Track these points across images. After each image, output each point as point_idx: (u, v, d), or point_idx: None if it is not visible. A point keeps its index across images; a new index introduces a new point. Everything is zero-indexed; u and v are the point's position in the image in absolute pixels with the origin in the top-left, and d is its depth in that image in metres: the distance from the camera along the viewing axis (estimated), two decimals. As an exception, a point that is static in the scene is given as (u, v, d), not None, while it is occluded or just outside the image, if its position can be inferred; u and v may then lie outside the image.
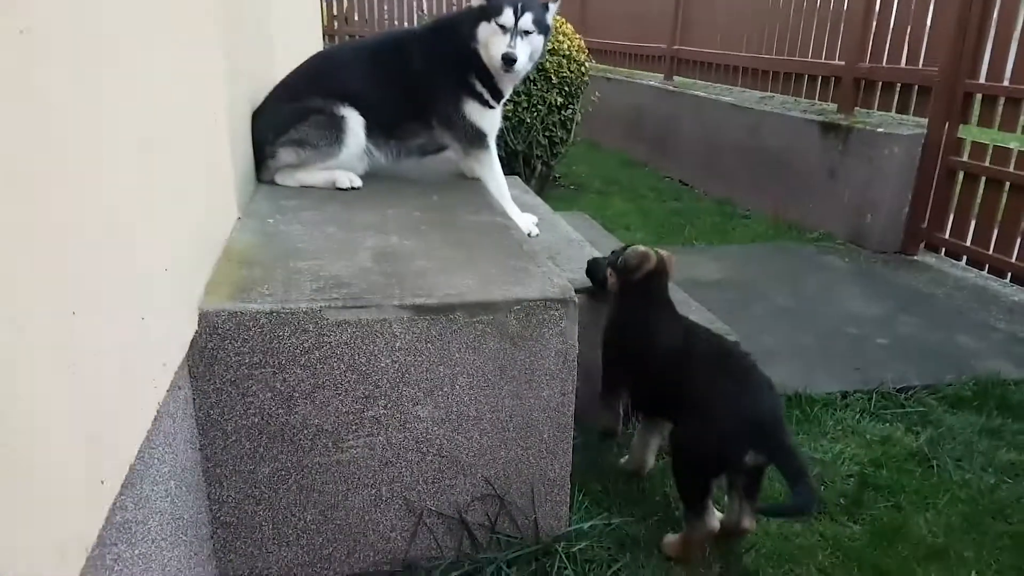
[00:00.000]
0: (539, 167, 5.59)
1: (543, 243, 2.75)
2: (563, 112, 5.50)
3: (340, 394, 1.63)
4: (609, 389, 2.25)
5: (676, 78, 7.44)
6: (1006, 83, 4.04)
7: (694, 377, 1.89)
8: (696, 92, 6.76)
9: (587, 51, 5.64)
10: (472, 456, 1.77)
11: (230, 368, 1.55)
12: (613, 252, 2.27)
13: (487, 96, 2.58)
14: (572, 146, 5.92)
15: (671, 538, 1.93)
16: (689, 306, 2.96)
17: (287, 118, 2.42)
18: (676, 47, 7.34)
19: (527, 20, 2.42)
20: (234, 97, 2.12)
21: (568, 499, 1.87)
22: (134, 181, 1.22)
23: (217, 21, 1.89)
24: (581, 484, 2.13)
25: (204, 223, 1.72)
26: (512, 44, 2.41)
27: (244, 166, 2.29)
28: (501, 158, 2.84)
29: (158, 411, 1.30)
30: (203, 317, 1.52)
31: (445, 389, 1.69)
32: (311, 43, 4.14)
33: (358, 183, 2.49)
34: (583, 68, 5.52)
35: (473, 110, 2.58)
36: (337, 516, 1.72)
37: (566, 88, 5.42)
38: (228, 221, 1.98)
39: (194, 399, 1.56)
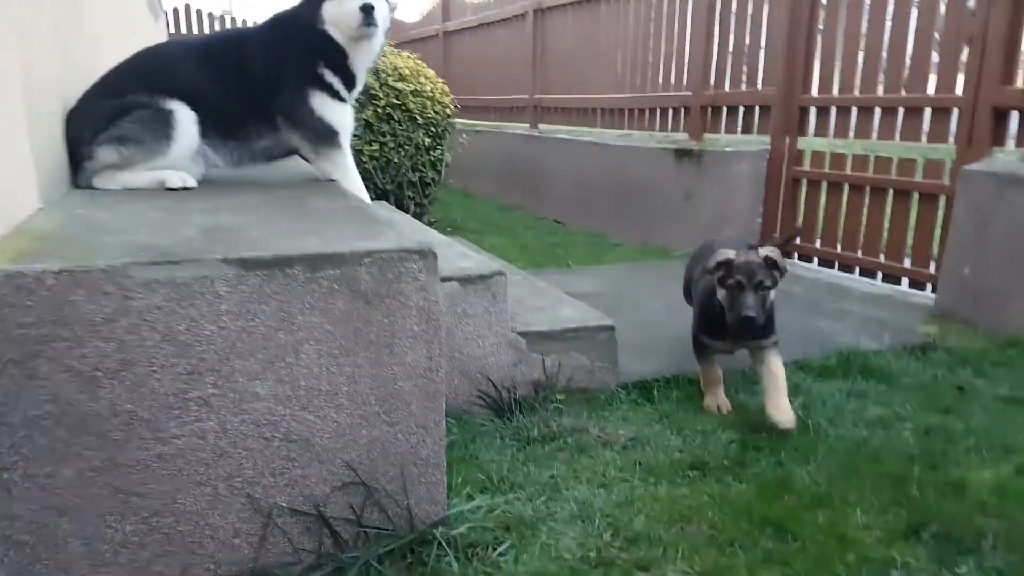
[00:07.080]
0: (411, 207, 5.51)
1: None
2: (432, 153, 5.49)
3: (156, 371, 1.39)
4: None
5: (541, 125, 7.67)
6: (835, 93, 4.40)
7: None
8: (560, 135, 6.98)
9: (456, 103, 5.72)
10: (328, 439, 1.55)
11: (11, 344, 1.29)
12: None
13: (338, 86, 2.45)
14: (443, 187, 5.91)
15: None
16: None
17: (107, 114, 2.18)
18: (538, 96, 7.60)
19: None
20: (33, 87, 1.88)
21: (445, 479, 1.67)
22: None
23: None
24: (461, 470, 1.95)
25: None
26: None
27: (50, 163, 2.01)
28: (371, 199, 2.71)
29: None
30: (-27, 283, 1.26)
31: (288, 360, 1.49)
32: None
33: (192, 183, 2.25)
34: (448, 110, 5.59)
35: (323, 104, 2.44)
36: (165, 524, 1.45)
37: (432, 128, 5.44)
38: (22, 204, 1.70)
39: (-34, 388, 1.28)
